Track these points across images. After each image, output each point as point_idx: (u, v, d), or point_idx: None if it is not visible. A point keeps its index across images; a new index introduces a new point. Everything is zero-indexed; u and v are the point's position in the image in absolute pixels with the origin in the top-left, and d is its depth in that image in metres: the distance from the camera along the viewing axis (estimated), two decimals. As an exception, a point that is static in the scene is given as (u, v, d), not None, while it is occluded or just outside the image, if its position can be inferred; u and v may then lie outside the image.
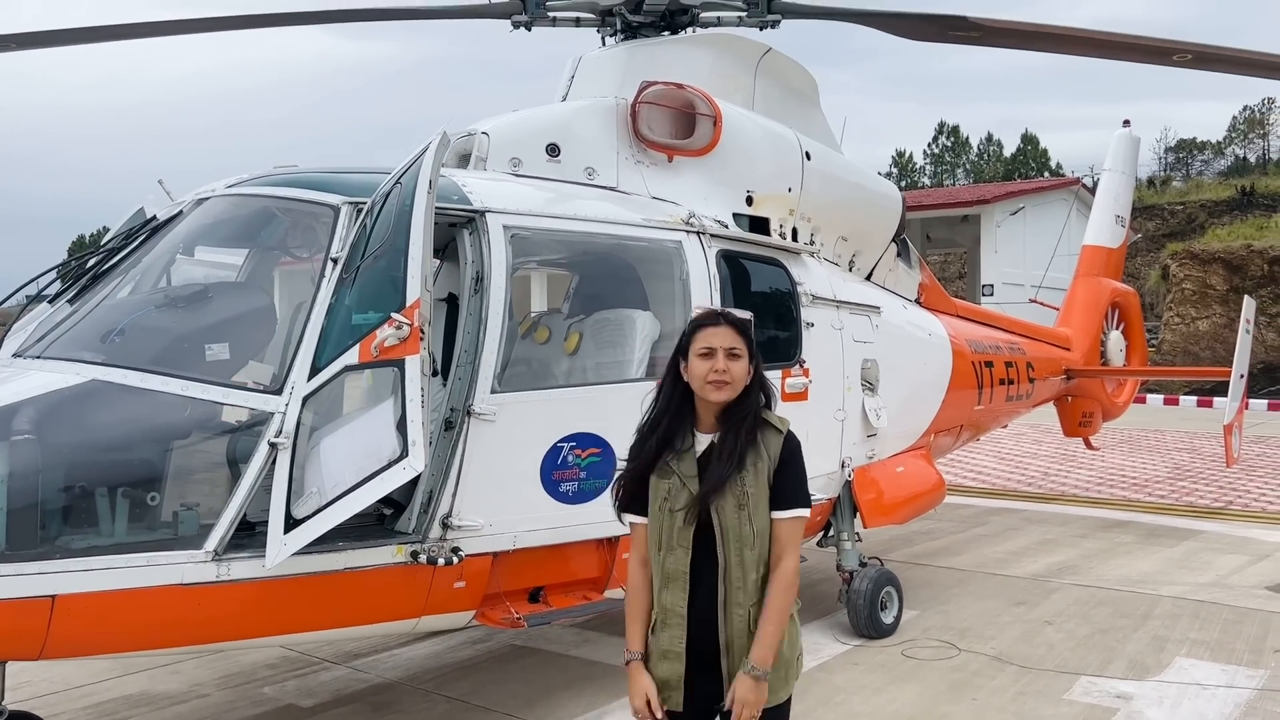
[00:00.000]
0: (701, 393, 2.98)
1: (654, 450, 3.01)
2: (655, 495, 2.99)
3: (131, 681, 5.88)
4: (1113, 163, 12.97)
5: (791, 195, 6.73)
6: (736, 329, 3.02)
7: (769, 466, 2.97)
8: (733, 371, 2.96)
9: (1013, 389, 9.43)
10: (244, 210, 4.89)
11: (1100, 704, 5.54)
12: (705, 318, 3.08)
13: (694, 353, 3.00)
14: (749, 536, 2.93)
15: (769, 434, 3.02)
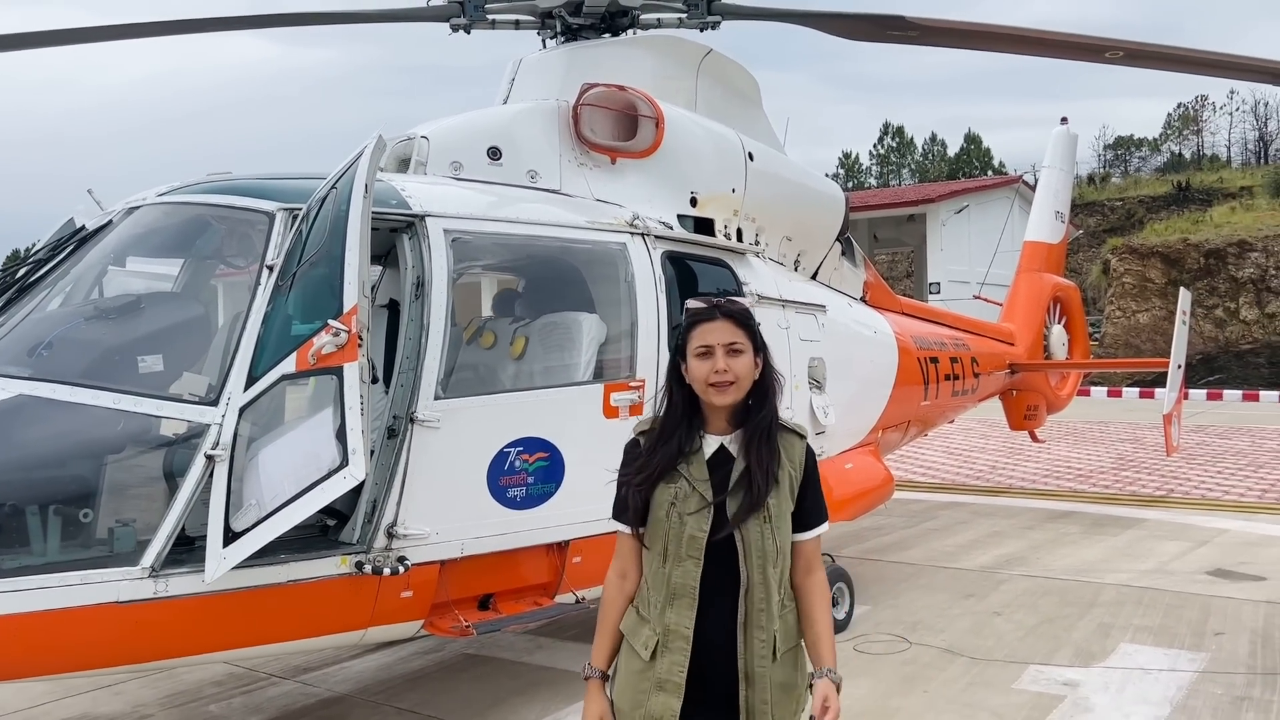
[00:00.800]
0: (704, 396, 2.73)
1: (670, 458, 2.74)
2: (660, 501, 2.72)
3: (73, 704, 5.73)
4: (1051, 160, 13.22)
5: (735, 196, 6.76)
6: (736, 321, 2.74)
7: (793, 477, 2.75)
8: (735, 369, 2.70)
9: (958, 384, 9.55)
10: (176, 219, 4.79)
11: (1048, 692, 5.63)
12: (699, 312, 2.78)
13: (691, 352, 2.73)
14: (772, 552, 2.69)
15: (790, 441, 2.80)
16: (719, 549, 2.69)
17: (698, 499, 2.69)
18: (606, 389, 5.47)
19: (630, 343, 5.66)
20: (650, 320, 5.70)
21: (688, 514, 2.69)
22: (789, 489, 2.74)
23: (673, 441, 2.75)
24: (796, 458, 2.79)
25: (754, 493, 2.67)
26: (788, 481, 2.73)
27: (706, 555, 2.68)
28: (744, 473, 2.70)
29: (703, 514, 2.68)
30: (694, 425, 2.78)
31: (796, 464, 2.78)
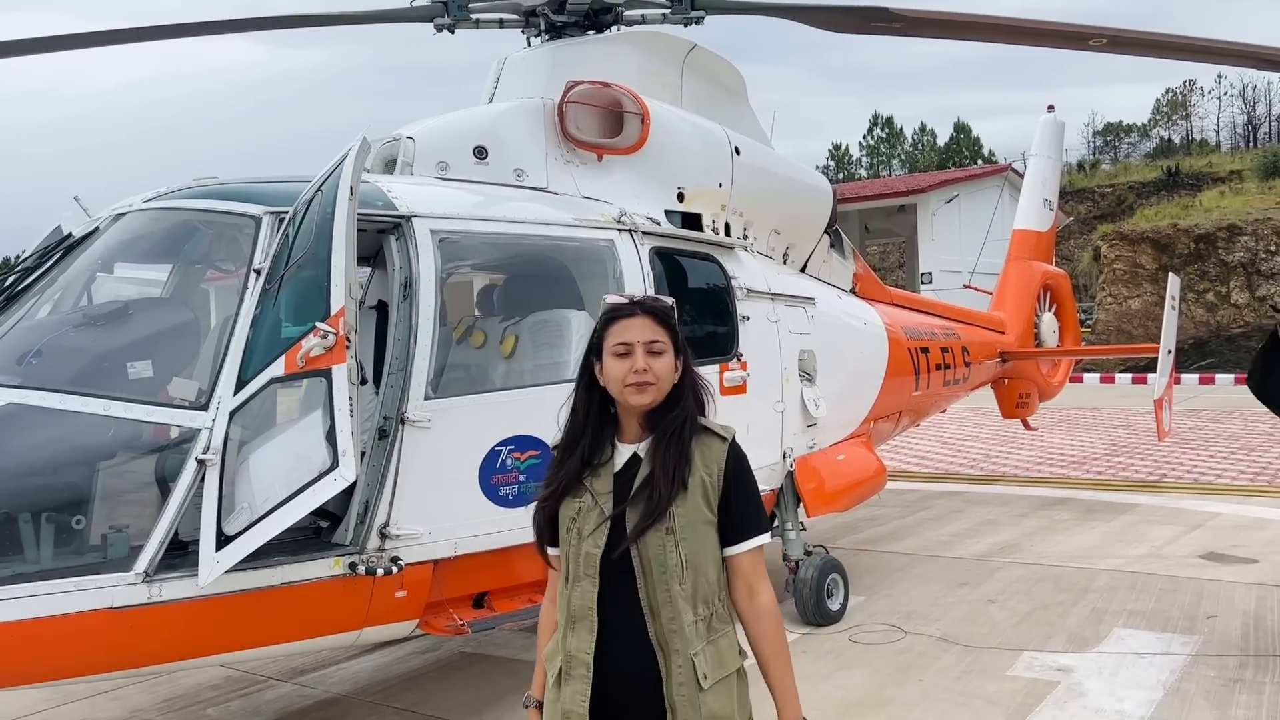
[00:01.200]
0: (621, 397, 2.51)
1: (574, 471, 2.54)
2: (564, 518, 2.54)
3: (71, 710, 5.74)
4: (1039, 148, 13.25)
5: (722, 190, 6.77)
6: (656, 318, 2.54)
7: (710, 483, 2.50)
8: (655, 369, 2.49)
9: (949, 374, 9.58)
10: (163, 224, 4.79)
11: (1042, 678, 5.66)
12: (618, 308, 2.58)
13: (608, 350, 2.52)
14: (676, 567, 2.43)
15: (709, 443, 2.54)
16: (621, 566, 2.46)
17: (598, 513, 2.49)
18: (597, 386, 5.47)
19: (620, 339, 5.66)
20: (639, 316, 5.71)
21: (586, 530, 2.49)
22: (703, 496, 2.48)
23: (577, 452, 2.55)
24: (715, 461, 2.52)
25: (654, 501, 2.43)
26: (701, 488, 2.47)
27: (609, 573, 2.46)
28: (646, 479, 2.47)
29: (600, 529, 2.47)
30: (603, 434, 2.57)
31: (714, 468, 2.51)
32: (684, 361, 2.59)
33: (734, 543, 2.53)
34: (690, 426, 2.53)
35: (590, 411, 2.58)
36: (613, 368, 2.51)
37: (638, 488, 2.47)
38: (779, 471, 6.89)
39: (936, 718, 5.17)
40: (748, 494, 2.56)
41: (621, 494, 2.50)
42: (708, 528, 2.50)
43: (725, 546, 2.53)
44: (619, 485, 2.51)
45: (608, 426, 2.59)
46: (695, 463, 2.49)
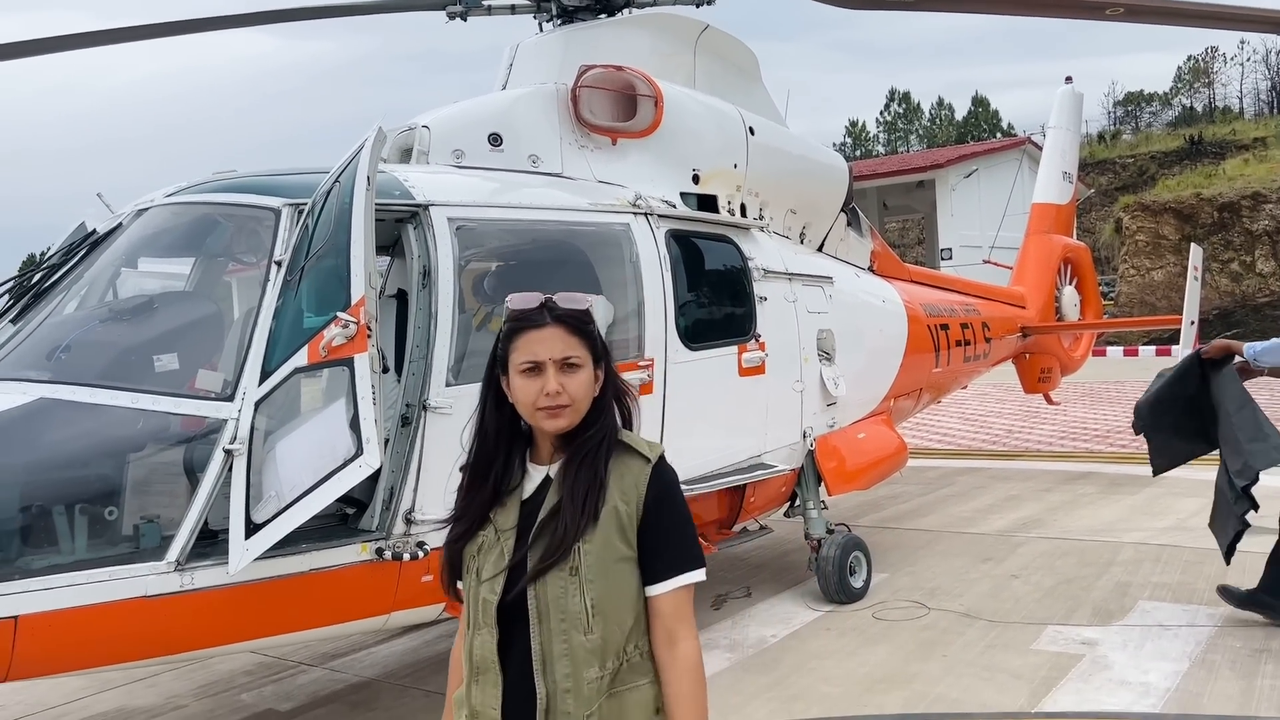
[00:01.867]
0: (531, 421, 2.17)
1: (485, 502, 2.21)
2: (467, 555, 2.22)
3: (108, 698, 5.86)
4: (1057, 119, 13.14)
5: (737, 171, 6.77)
6: (570, 328, 2.16)
7: (626, 512, 2.14)
8: (571, 389, 2.13)
9: (970, 350, 9.56)
10: (184, 219, 4.85)
11: (1066, 651, 5.67)
12: (522, 316, 2.18)
13: (514, 367, 2.15)
14: (578, 614, 2.09)
15: (629, 464, 2.18)
16: (520, 613, 2.12)
17: (498, 552, 2.16)
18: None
19: (638, 323, 5.71)
20: (656, 299, 5.75)
21: (485, 571, 2.17)
22: (618, 528, 2.13)
23: (488, 482, 2.20)
24: (634, 485, 2.16)
25: (557, 536, 2.10)
26: (615, 519, 2.12)
27: (509, 621, 2.13)
28: (552, 510, 2.13)
29: (496, 568, 2.15)
30: (514, 455, 2.23)
31: (633, 493, 2.15)
32: (605, 371, 2.22)
33: (654, 581, 2.16)
34: (607, 447, 2.18)
35: (501, 432, 2.22)
36: (520, 388, 2.14)
37: (542, 521, 2.14)
38: (799, 451, 6.91)
39: (961, 692, 5.19)
40: (673, 523, 2.18)
41: (527, 526, 2.16)
42: (624, 566, 2.14)
43: (646, 585, 2.16)
44: (525, 517, 2.17)
45: (519, 446, 2.24)
46: (610, 489, 2.14)
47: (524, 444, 2.24)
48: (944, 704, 5.06)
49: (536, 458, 2.23)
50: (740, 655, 5.94)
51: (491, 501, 2.20)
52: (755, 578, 7.57)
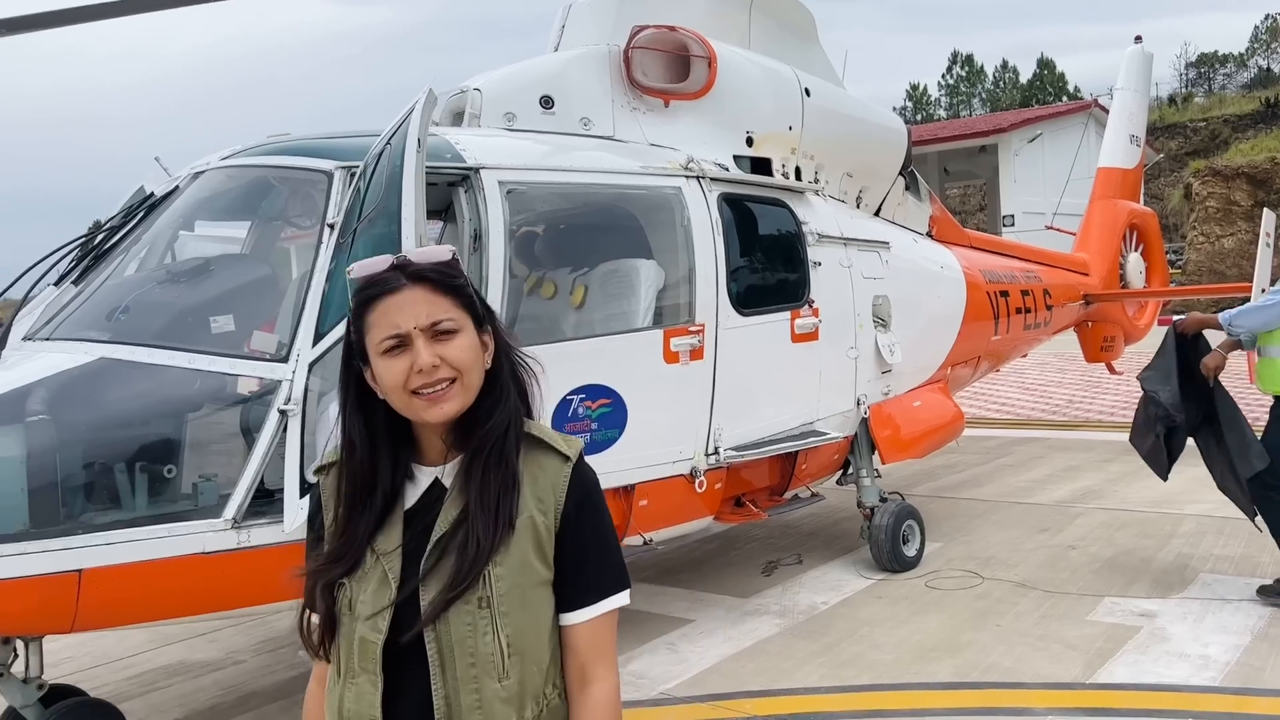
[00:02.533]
0: (409, 413, 1.70)
1: (371, 529, 1.73)
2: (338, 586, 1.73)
3: (170, 651, 6.03)
4: (1125, 81, 12.73)
5: (792, 133, 6.66)
6: (434, 285, 1.70)
7: (544, 524, 1.72)
8: (452, 359, 1.67)
9: (1030, 317, 9.36)
10: (239, 181, 4.90)
11: (1124, 623, 5.57)
12: (372, 283, 1.71)
13: (374, 349, 1.69)
14: (490, 656, 1.66)
15: (543, 463, 1.75)
16: (414, 658, 1.67)
17: (379, 577, 1.69)
18: (666, 334, 5.49)
19: (689, 287, 5.67)
20: (708, 264, 5.69)
21: (363, 604, 1.68)
22: (535, 544, 1.70)
23: (372, 502, 1.72)
24: (551, 490, 1.73)
25: (466, 557, 1.65)
26: (531, 532, 1.70)
27: (397, 668, 1.67)
28: (454, 524, 1.68)
29: (379, 600, 1.68)
30: (393, 457, 1.75)
31: (550, 499, 1.73)
32: (495, 338, 1.77)
33: (572, 607, 1.74)
34: (515, 437, 1.74)
35: (371, 436, 1.74)
36: (386, 371, 1.67)
37: (441, 538, 1.68)
38: (853, 418, 6.83)
39: (1015, 661, 5.12)
40: (597, 536, 1.76)
41: (417, 546, 1.70)
42: (542, 591, 1.72)
43: (562, 612, 1.75)
44: (414, 534, 1.71)
45: (399, 446, 1.76)
46: (524, 494, 1.71)
47: (405, 443, 1.76)
48: (996, 674, 5.00)
49: (422, 458, 1.76)
50: (790, 621, 5.92)
51: (377, 523, 1.72)
52: (806, 545, 7.53)
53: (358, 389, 1.75)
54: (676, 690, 5.02)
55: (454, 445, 1.74)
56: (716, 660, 5.38)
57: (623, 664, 5.32)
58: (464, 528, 1.67)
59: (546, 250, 6.07)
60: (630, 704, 4.90)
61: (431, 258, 1.73)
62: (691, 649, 5.56)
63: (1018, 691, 4.78)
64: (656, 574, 6.99)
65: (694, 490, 5.68)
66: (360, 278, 1.73)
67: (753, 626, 5.86)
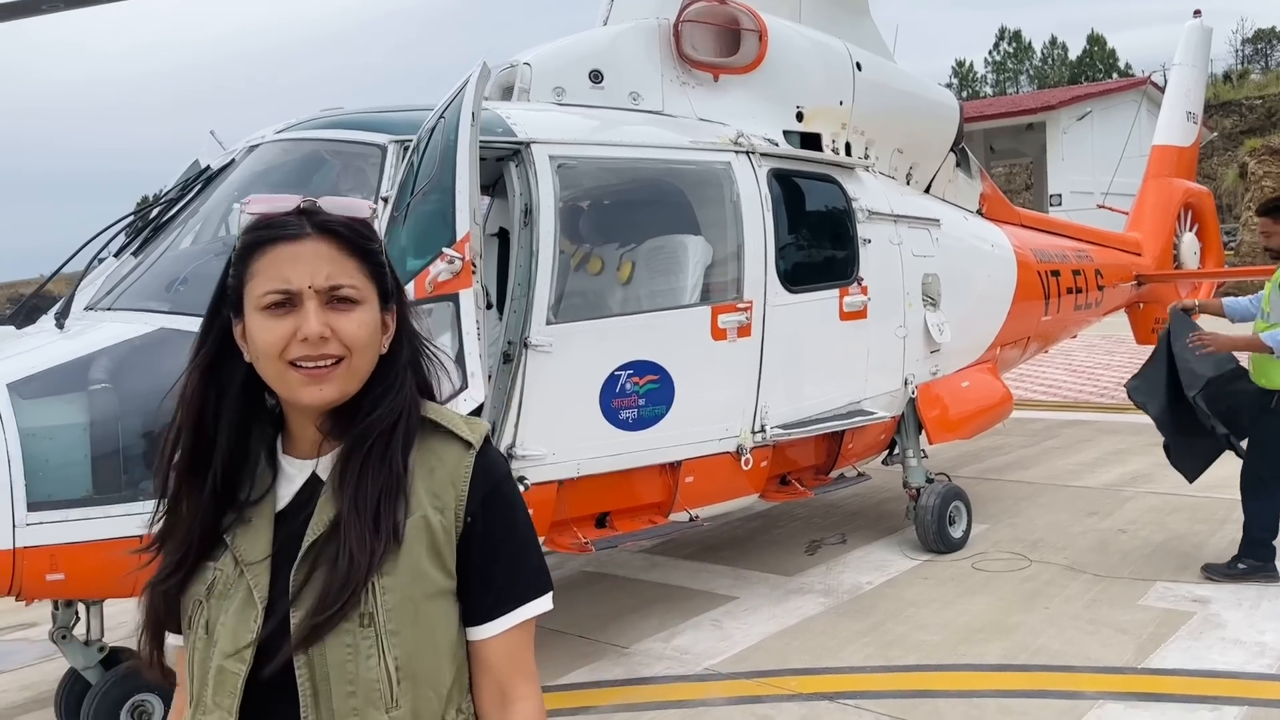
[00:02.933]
0: (279, 387, 1.42)
1: (209, 519, 1.45)
2: (189, 596, 1.45)
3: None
4: (1183, 56, 12.42)
5: (843, 109, 6.58)
6: (343, 242, 1.43)
7: (442, 524, 1.44)
8: (345, 334, 1.40)
9: (1081, 298, 9.21)
10: (294, 155, 4.94)
11: (1176, 608, 5.49)
12: (268, 224, 1.43)
13: (253, 300, 1.41)
14: (376, 683, 1.39)
15: (441, 452, 1.47)
16: (283, 690, 1.39)
17: (242, 594, 1.41)
18: (714, 311, 5.47)
19: (737, 264, 5.64)
20: (757, 240, 5.66)
21: (221, 625, 1.40)
22: (430, 549, 1.42)
23: (206, 483, 1.44)
24: (451, 483, 1.46)
25: (340, 570, 1.36)
26: (425, 535, 1.42)
27: (262, 700, 1.39)
28: (328, 529, 1.40)
29: (244, 623, 1.39)
30: (255, 446, 1.47)
31: (449, 494, 1.45)
32: (399, 317, 1.50)
33: (483, 619, 1.48)
34: (406, 429, 1.45)
35: (226, 409, 1.45)
36: (263, 331, 1.39)
37: (312, 546, 1.40)
38: (900, 398, 6.78)
39: (1064, 645, 5.07)
40: (510, 534, 1.49)
41: (289, 555, 1.41)
42: (439, 603, 1.44)
43: (470, 625, 1.49)
44: (283, 540, 1.43)
45: (261, 431, 1.49)
46: (417, 490, 1.43)
47: (270, 428, 1.49)
48: (1045, 656, 4.96)
49: (293, 448, 1.49)
50: (835, 600, 5.91)
51: (217, 515, 1.44)
52: (850, 525, 7.50)
53: (219, 342, 1.47)
54: (721, 666, 5.04)
55: (331, 435, 1.46)
56: (760, 637, 5.38)
57: (666, 639, 5.36)
58: (338, 537, 1.38)
59: (595, 225, 6.06)
60: (675, 678, 4.93)
61: (347, 211, 1.46)
62: (735, 626, 5.57)
63: (1068, 675, 4.73)
64: (699, 551, 7.00)
65: (740, 468, 5.67)
66: (255, 214, 1.45)
67: (797, 605, 5.86)
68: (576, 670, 5.04)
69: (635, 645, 5.34)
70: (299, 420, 1.48)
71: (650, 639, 5.42)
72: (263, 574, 1.42)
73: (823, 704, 4.54)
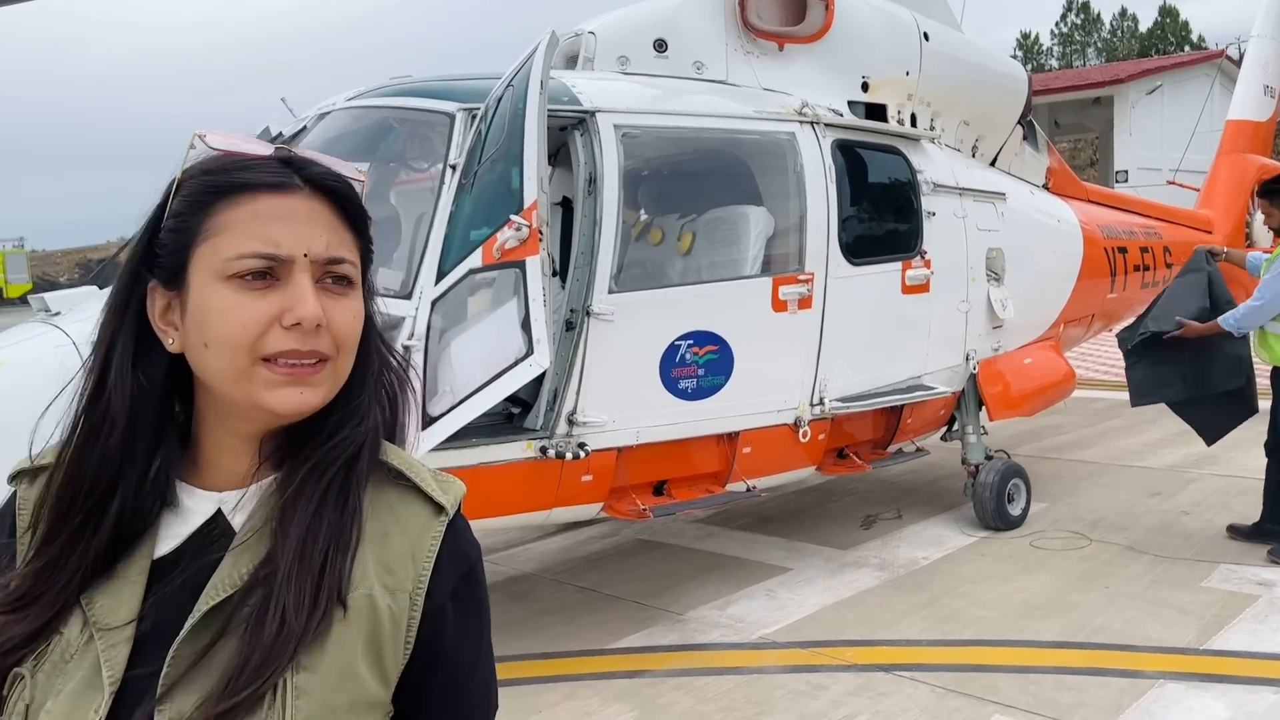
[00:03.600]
0: (240, 390, 1.04)
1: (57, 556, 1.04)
2: (12, 676, 1.02)
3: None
4: (1262, 27, 12.01)
5: (909, 79, 6.50)
6: (343, 211, 1.09)
7: (394, 612, 1.05)
8: (338, 329, 1.06)
9: (1148, 275, 9.03)
10: (364, 122, 5.01)
11: (1241, 591, 5.41)
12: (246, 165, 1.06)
13: (216, 266, 1.03)
14: None
15: (401, 512, 1.10)
16: None
17: (86, 670, 1.01)
18: (775, 282, 5.47)
19: (799, 236, 5.62)
20: (820, 211, 5.63)
21: (46, 711, 1.00)
22: (370, 641, 1.03)
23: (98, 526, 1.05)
24: (411, 557, 1.08)
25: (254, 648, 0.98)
26: (369, 619, 1.03)
27: None
28: (244, 588, 1.01)
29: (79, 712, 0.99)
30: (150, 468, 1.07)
31: (407, 573, 1.07)
32: (368, 312, 1.13)
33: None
34: (365, 464, 1.09)
35: (140, 424, 1.07)
36: (232, 310, 1.02)
37: (218, 610, 1.01)
38: (961, 374, 6.72)
39: (1124, 624, 5.03)
40: (477, 647, 1.14)
41: (168, 621, 1.02)
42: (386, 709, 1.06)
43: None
44: (160, 601, 1.04)
45: (158, 448, 1.08)
46: (364, 557, 1.05)
47: (167, 447, 1.08)
48: (1105, 635, 4.92)
49: (197, 475, 1.09)
50: (890, 574, 5.91)
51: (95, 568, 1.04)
52: (906, 500, 7.47)
53: (136, 323, 1.07)
54: (776, 635, 5.08)
55: (261, 455, 1.08)
56: (816, 609, 5.41)
57: (721, 607, 5.42)
58: (260, 595, 0.99)
59: (658, 195, 6.07)
60: (730, 646, 4.98)
61: (341, 169, 1.10)
62: (790, 596, 5.60)
63: (1128, 654, 4.70)
64: (753, 522, 7.03)
65: (797, 440, 5.67)
66: (220, 149, 1.06)
67: (852, 578, 5.87)
68: (632, 635, 5.11)
69: (690, 612, 5.40)
70: (224, 439, 1.08)
71: (705, 606, 5.48)
72: (121, 644, 1.00)
73: (878, 675, 4.56)
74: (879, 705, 4.26)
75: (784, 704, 4.30)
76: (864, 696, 4.35)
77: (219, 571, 1.02)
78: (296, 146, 1.11)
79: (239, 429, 1.08)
